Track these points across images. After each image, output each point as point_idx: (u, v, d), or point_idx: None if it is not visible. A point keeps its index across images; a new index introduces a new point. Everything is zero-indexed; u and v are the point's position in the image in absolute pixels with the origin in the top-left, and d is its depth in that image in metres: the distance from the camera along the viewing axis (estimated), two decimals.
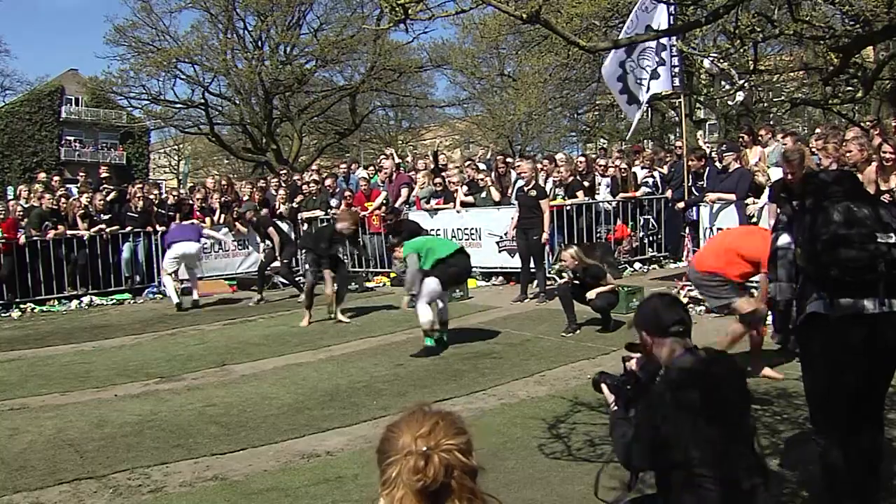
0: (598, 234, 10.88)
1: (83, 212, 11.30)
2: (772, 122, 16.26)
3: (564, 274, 8.11)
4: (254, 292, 10.61)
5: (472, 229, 10.74)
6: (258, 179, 14.66)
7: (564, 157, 12.42)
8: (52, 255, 10.68)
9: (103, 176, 13.06)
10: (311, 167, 16.62)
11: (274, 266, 10.97)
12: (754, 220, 8.15)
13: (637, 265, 10.85)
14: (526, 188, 9.33)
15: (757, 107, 19.00)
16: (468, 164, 12.30)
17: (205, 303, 10.35)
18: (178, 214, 11.74)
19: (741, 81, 7.02)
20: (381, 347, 7.32)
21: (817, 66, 13.35)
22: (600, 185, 11.25)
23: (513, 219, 9.61)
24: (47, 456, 4.62)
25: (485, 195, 10.79)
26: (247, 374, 6.57)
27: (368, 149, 34.64)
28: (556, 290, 8.38)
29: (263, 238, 10.98)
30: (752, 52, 5.00)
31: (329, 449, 4.59)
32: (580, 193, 10.75)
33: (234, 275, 12.00)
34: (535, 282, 9.31)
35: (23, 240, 10.54)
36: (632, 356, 2.89)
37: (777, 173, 7.67)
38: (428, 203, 11.26)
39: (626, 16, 15.45)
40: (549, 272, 9.65)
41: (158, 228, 11.36)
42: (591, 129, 27.07)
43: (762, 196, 8.00)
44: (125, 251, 11.43)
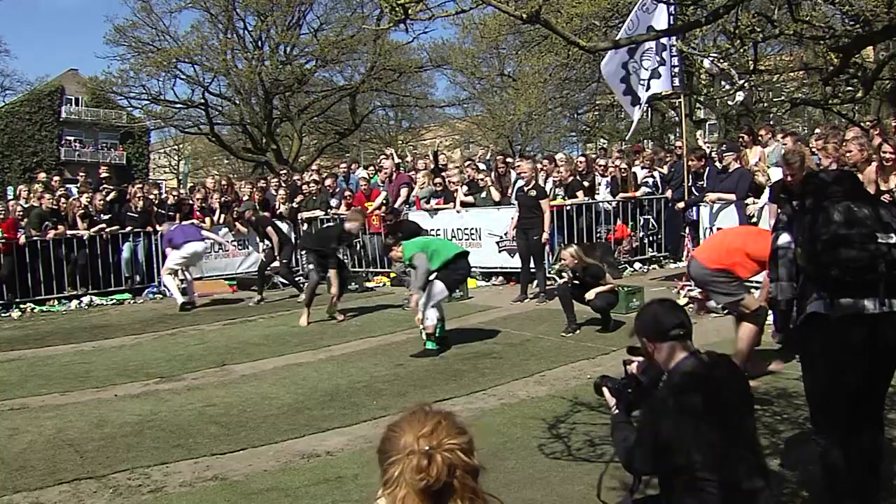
0: (598, 234, 10.89)
1: (83, 212, 11.30)
2: (772, 122, 16.26)
3: (564, 274, 8.10)
4: (254, 292, 10.62)
5: (472, 229, 10.74)
6: (258, 179, 14.66)
7: (564, 157, 12.41)
8: (52, 255, 10.69)
9: (103, 176, 13.05)
10: (311, 167, 16.63)
11: (273, 266, 10.98)
12: (754, 220, 8.15)
13: (637, 265, 10.87)
14: (526, 188, 9.33)
15: (757, 107, 18.99)
16: (468, 164, 12.30)
17: (202, 303, 10.35)
18: (178, 214, 11.73)
19: (741, 81, 7.02)
20: (381, 347, 7.33)
21: (817, 66, 13.34)
22: (600, 185, 11.25)
23: (513, 219, 9.61)
24: (47, 456, 4.62)
25: (485, 195, 10.79)
26: (247, 374, 6.57)
27: (368, 149, 34.64)
28: (555, 290, 8.38)
29: (262, 238, 10.98)
30: (752, 52, 5.00)
31: (329, 449, 4.59)
32: (580, 193, 10.76)
33: (234, 275, 12.00)
34: (535, 282, 9.31)
35: (23, 240, 10.54)
36: (633, 359, 2.89)
37: (777, 173, 7.66)
38: (428, 203, 11.27)
39: (626, 16, 15.47)
40: (549, 272, 9.65)
41: (158, 228, 11.33)
42: (591, 129, 27.07)
43: (762, 196, 8.00)
44: (125, 251, 11.44)
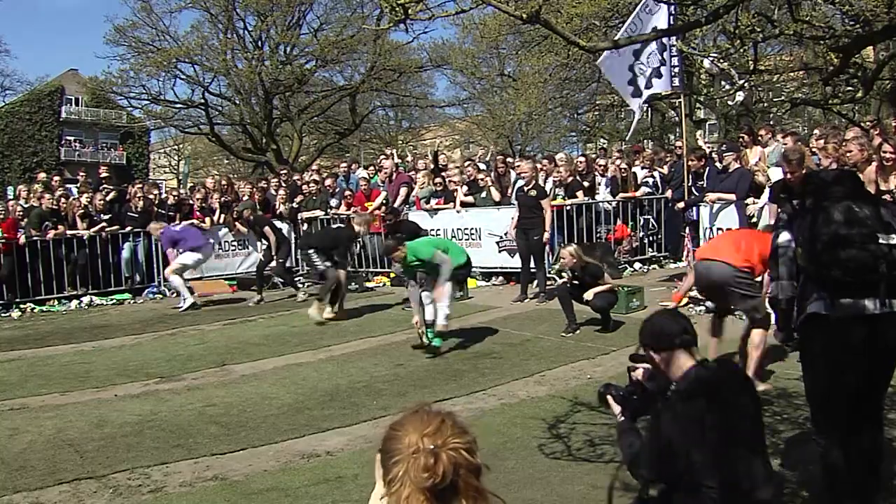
0: (598, 234, 10.88)
1: (83, 212, 11.29)
2: (772, 122, 16.26)
3: (564, 274, 8.10)
4: (254, 292, 10.62)
5: (472, 229, 10.73)
6: (259, 180, 14.65)
7: (564, 157, 12.41)
8: (52, 255, 10.67)
9: (103, 176, 13.04)
10: (311, 167, 16.62)
11: (272, 266, 10.97)
12: (754, 220, 8.14)
13: (637, 265, 10.86)
14: (526, 188, 9.33)
15: (757, 107, 19.00)
16: (468, 164, 12.29)
17: (202, 303, 10.31)
18: (178, 214, 11.72)
19: (741, 81, 7.01)
20: (381, 347, 7.33)
21: (817, 66, 13.35)
22: (600, 185, 11.25)
23: (513, 219, 9.61)
24: (47, 456, 4.62)
25: (485, 195, 10.79)
26: (247, 374, 6.57)
27: (368, 149, 34.64)
28: (554, 290, 8.38)
29: (259, 237, 10.97)
30: (752, 52, 5.00)
31: (329, 449, 4.59)
32: (580, 193, 10.76)
33: (234, 275, 11.98)
34: (535, 282, 9.32)
35: (23, 240, 10.52)
36: (637, 366, 2.88)
37: (777, 173, 7.66)
38: (428, 203, 11.26)
39: (626, 16, 15.43)
40: (550, 272, 9.65)
41: (149, 229, 11.13)
42: (591, 129, 27.08)
43: (762, 196, 8.00)
44: (125, 251, 11.42)
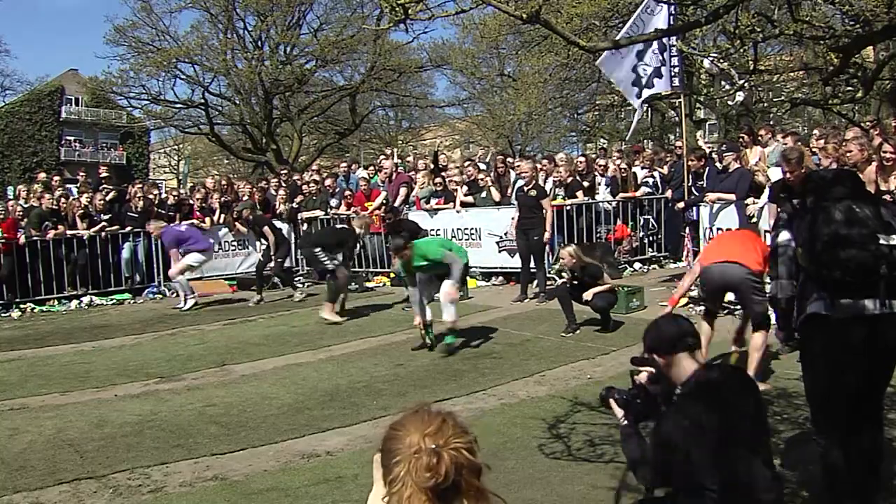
0: (598, 234, 10.88)
1: (83, 212, 11.29)
2: (772, 122, 16.26)
3: (564, 274, 8.11)
4: (254, 292, 10.61)
5: (472, 229, 10.73)
6: (259, 180, 14.65)
7: (564, 157, 12.41)
8: (52, 255, 10.67)
9: (103, 176, 13.05)
10: (311, 167, 16.61)
11: (271, 265, 10.96)
12: (754, 220, 8.14)
13: (637, 265, 10.87)
14: (526, 188, 9.34)
15: (757, 107, 19.00)
16: (468, 164, 12.29)
17: (202, 303, 10.32)
18: (178, 214, 11.72)
19: (741, 81, 7.00)
20: (381, 347, 7.33)
21: (817, 66, 13.34)
22: (600, 185, 11.25)
23: (513, 219, 9.61)
24: (47, 456, 4.62)
25: (485, 195, 10.79)
26: (247, 374, 6.57)
27: (368, 149, 34.63)
28: (554, 290, 8.38)
29: (259, 237, 10.97)
30: (752, 52, 4.99)
31: (329, 449, 4.59)
32: (580, 193, 10.76)
33: (234, 275, 11.99)
34: (535, 282, 9.32)
35: (23, 240, 10.53)
36: (640, 370, 2.88)
37: (777, 173, 7.65)
38: (428, 203, 11.26)
39: (626, 16, 15.44)
40: (549, 272, 9.65)
41: (148, 228, 11.10)
42: (591, 129, 27.07)
43: (762, 196, 7.99)
44: (125, 251, 11.42)
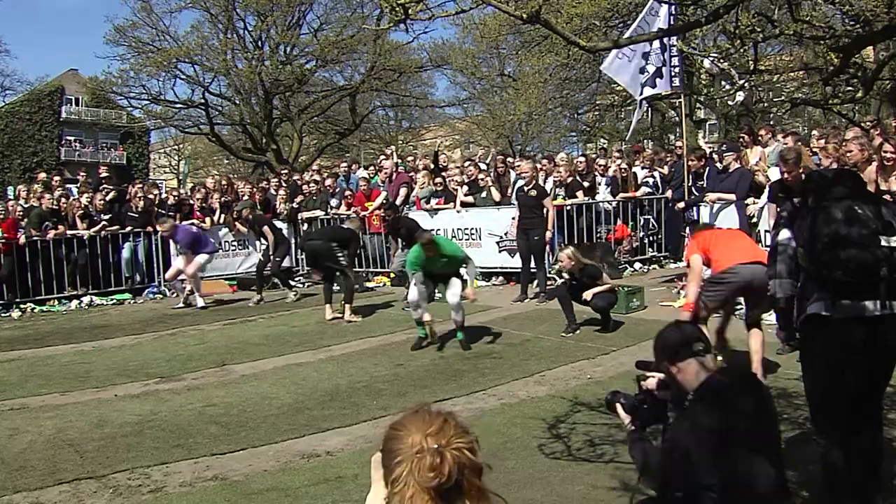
0: (598, 234, 10.89)
1: (83, 212, 11.30)
2: (772, 122, 16.27)
3: (565, 274, 8.11)
4: (254, 292, 10.62)
5: (472, 229, 10.74)
6: (259, 180, 14.65)
7: (564, 157, 12.41)
8: (52, 255, 10.69)
9: (103, 176, 13.06)
10: (311, 167, 16.62)
11: (271, 265, 10.96)
12: (754, 220, 8.15)
13: (637, 265, 10.87)
14: (526, 188, 9.34)
15: (757, 107, 18.99)
16: (468, 164, 12.29)
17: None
18: (178, 214, 11.73)
19: (741, 81, 7.00)
20: (381, 347, 7.33)
21: (817, 66, 13.33)
22: (600, 185, 11.25)
23: (513, 219, 9.61)
24: (47, 456, 4.61)
25: (485, 195, 10.79)
26: (247, 374, 6.57)
27: (368, 149, 34.63)
28: (554, 290, 8.38)
29: (258, 236, 10.98)
30: (752, 52, 4.99)
31: (329, 449, 4.59)
32: (580, 193, 10.76)
33: (234, 275, 11.99)
34: (536, 282, 9.31)
35: (23, 240, 10.54)
36: (647, 375, 2.87)
37: (777, 173, 7.66)
38: (428, 203, 11.27)
39: (627, 16, 15.48)
40: (550, 272, 9.65)
41: (158, 228, 11.26)
42: (591, 129, 27.06)
43: (762, 196, 8.00)
44: (125, 251, 11.43)
